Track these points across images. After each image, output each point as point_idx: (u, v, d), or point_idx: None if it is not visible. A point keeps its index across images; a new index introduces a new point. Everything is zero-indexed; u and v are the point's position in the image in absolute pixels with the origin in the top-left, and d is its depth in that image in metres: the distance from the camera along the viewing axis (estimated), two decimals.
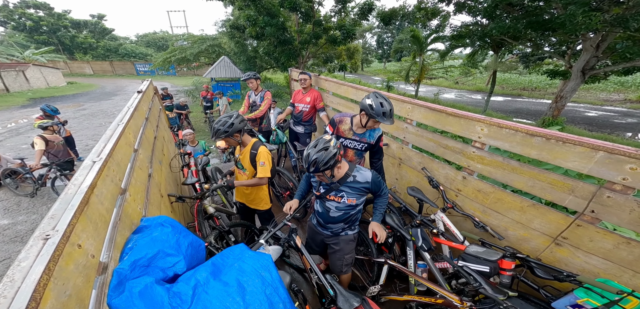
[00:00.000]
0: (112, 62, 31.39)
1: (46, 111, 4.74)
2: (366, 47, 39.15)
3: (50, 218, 0.75)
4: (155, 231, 1.15)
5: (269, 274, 1.24)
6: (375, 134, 2.14)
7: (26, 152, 6.44)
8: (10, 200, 4.46)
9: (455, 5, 8.72)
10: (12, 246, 3.48)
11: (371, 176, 1.68)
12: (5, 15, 29.02)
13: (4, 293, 0.54)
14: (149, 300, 0.90)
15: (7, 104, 12.47)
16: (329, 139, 1.55)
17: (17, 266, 0.60)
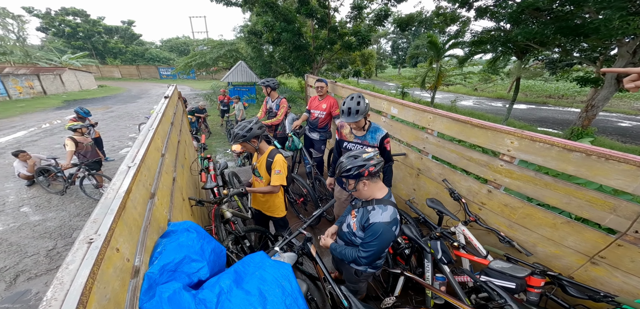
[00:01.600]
0: (138, 66, 33.18)
1: (79, 113, 5.09)
2: (380, 53, 38.92)
3: (92, 222, 0.79)
4: (182, 236, 1.19)
5: (289, 284, 1.24)
6: (377, 136, 2.14)
7: (58, 151, 6.91)
8: (41, 197, 4.75)
9: (477, 11, 8.46)
10: (41, 242, 3.68)
11: (374, 226, 1.43)
12: (47, 22, 31.55)
13: (55, 296, 0.57)
14: (177, 306, 0.92)
15: (44, 106, 13.49)
16: (370, 153, 1.47)
17: (65, 268, 0.64)
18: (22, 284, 3.03)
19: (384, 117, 2.84)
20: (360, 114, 1.97)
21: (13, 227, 3.93)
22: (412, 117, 2.42)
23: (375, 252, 1.43)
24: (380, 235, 1.39)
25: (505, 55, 9.57)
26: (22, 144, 7.46)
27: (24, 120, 10.36)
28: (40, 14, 31.21)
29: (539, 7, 6.79)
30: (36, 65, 20.24)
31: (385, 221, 1.40)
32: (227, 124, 8.96)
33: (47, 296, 0.56)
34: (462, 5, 8.55)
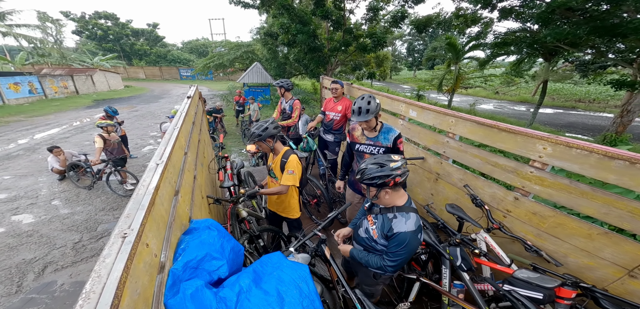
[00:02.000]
0: (161, 67, 34.73)
1: (108, 112, 5.40)
2: (395, 55, 38.30)
3: (126, 217, 0.82)
4: (203, 234, 1.22)
5: (306, 286, 1.24)
6: (389, 136, 2.11)
7: (88, 148, 7.35)
8: (71, 191, 5.05)
9: (501, 12, 8.09)
10: (69, 235, 3.88)
11: (400, 236, 1.39)
12: (81, 25, 33.74)
13: (93, 288, 0.59)
14: (199, 303, 0.94)
15: (76, 105, 14.47)
16: (398, 162, 1.43)
17: (102, 261, 0.66)
18: (49, 276, 3.18)
19: (402, 120, 2.79)
20: (371, 113, 1.97)
21: (44, 220, 4.19)
22: (432, 120, 2.34)
23: (403, 260, 1.41)
24: (408, 244, 1.37)
25: (531, 57, 9.07)
26: (56, 140, 8.02)
27: (57, 118, 11.14)
28: (76, 18, 33.42)
29: (571, 6, 6.39)
30: (70, 66, 21.76)
31: (411, 230, 1.38)
32: (242, 125, 9.16)
33: (86, 288, 0.59)
34: (484, 6, 8.21)
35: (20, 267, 3.25)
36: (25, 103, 14.09)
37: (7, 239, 3.68)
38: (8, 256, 3.41)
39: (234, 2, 10.91)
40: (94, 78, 20.00)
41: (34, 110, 12.54)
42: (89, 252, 3.56)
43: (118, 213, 4.46)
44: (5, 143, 7.61)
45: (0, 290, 2.94)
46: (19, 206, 4.49)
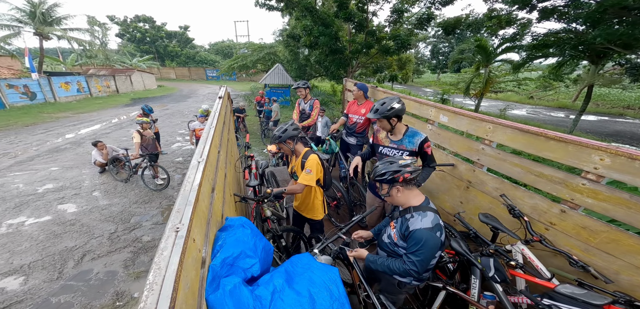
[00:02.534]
0: (189, 68, 36.74)
1: (144, 110, 5.81)
2: (418, 57, 37.12)
3: (176, 212, 0.87)
4: (238, 232, 1.25)
5: (337, 289, 1.24)
6: (415, 140, 2.07)
7: (125, 143, 7.96)
8: (109, 184, 5.47)
9: (541, 12, 7.50)
10: (106, 226, 4.17)
11: (416, 234, 1.38)
12: (123, 29, 36.65)
13: (156, 280, 0.63)
14: (237, 299, 0.97)
15: (116, 103, 15.77)
16: (407, 160, 1.49)
17: (160, 254, 0.70)
18: (87, 264, 3.41)
19: (431, 125, 2.69)
20: (379, 113, 2.02)
21: (85, 210, 4.55)
22: (466, 126, 2.23)
23: (424, 260, 1.37)
24: (425, 242, 1.35)
25: (574, 59, 8.30)
26: (98, 135, 8.79)
27: (100, 115, 12.22)
28: (119, 22, 36.41)
29: (627, 5, 5.76)
30: (113, 67, 23.76)
31: (427, 227, 1.36)
32: (262, 125, 9.40)
33: (149, 279, 0.63)
34: (522, 7, 7.67)
35: (62, 254, 3.52)
36: (73, 101, 15.59)
37: (53, 227, 4.04)
38: (53, 243, 3.72)
39: (259, 4, 11.24)
40: (132, 78, 21.65)
41: (80, 107, 13.85)
42: (122, 243, 3.79)
43: (149, 206, 4.76)
44: (55, 137, 8.48)
45: (44, 276, 3.18)
46: (65, 196, 4.94)
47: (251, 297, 1.01)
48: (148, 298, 0.58)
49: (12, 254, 3.46)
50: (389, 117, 2.03)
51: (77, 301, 2.88)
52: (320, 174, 2.21)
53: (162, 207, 4.75)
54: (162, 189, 5.28)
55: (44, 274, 3.18)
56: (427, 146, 2.07)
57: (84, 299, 2.90)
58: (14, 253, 3.47)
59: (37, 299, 2.86)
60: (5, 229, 3.92)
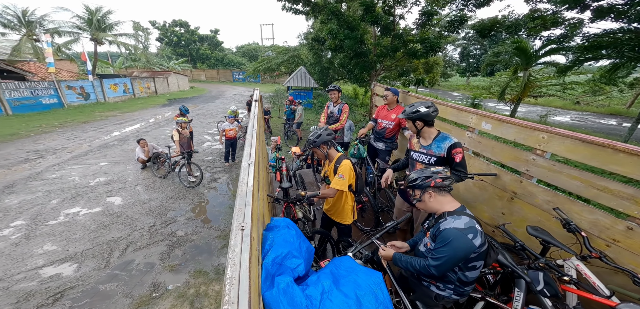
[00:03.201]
0: (218, 70, 38.61)
1: (182, 110, 6.25)
2: (446, 60, 35.54)
3: (239, 211, 0.93)
4: (284, 232, 1.30)
5: (381, 293, 1.25)
6: (443, 145, 2.04)
7: (162, 141, 8.59)
8: (149, 179, 5.91)
9: (595, 11, 6.78)
10: (146, 219, 4.47)
11: (444, 232, 1.36)
12: (162, 33, 39.67)
13: (234, 274, 0.68)
14: (290, 298, 1.00)
15: (154, 104, 17.12)
16: (439, 168, 1.54)
17: (233, 249, 0.76)
18: (129, 254, 3.66)
19: (470, 133, 2.56)
20: (405, 114, 2.10)
21: (129, 203, 4.95)
22: (514, 135, 2.10)
23: (447, 260, 1.34)
24: (451, 241, 1.32)
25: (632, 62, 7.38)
26: (139, 134, 9.60)
27: (141, 115, 13.34)
28: (159, 27, 39.52)
29: None
30: (153, 69, 25.83)
31: (458, 227, 1.34)
32: (285, 127, 9.60)
33: (228, 274, 0.68)
34: (571, 6, 7.00)
35: (110, 244, 3.83)
36: (120, 101, 17.19)
37: (102, 218, 4.44)
38: (102, 233, 4.07)
39: (285, 8, 11.55)
40: (168, 80, 23.35)
41: (125, 107, 15.26)
42: (160, 236, 4.06)
43: (183, 202, 5.08)
44: (104, 134, 9.42)
45: (93, 264, 3.46)
46: (113, 189, 5.42)
47: (303, 296, 1.04)
48: (230, 291, 0.63)
49: (68, 241, 3.85)
50: (413, 120, 2.06)
51: (120, 290, 3.10)
52: (352, 179, 2.22)
53: (194, 204, 5.04)
54: (194, 186, 5.62)
55: (93, 262, 3.48)
56: (456, 152, 2.01)
57: (126, 288, 3.13)
58: (69, 241, 3.86)
59: (87, 286, 3.13)
60: (63, 218, 4.40)
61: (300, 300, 1.01)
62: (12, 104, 11.54)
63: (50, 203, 4.81)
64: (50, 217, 4.41)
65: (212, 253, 3.78)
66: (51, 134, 9.22)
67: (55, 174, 6.00)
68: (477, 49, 36.09)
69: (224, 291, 0.63)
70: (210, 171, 6.49)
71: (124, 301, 2.96)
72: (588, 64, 8.76)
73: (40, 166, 6.41)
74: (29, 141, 8.33)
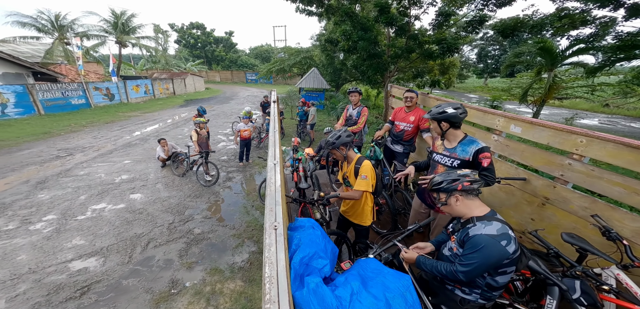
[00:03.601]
0: (232, 71, 39.44)
1: (199, 110, 6.44)
2: (462, 61, 34.51)
3: (270, 211, 0.93)
4: (310, 232, 1.29)
5: (411, 296, 1.23)
6: (469, 149, 1.96)
7: (180, 141, 8.87)
8: (168, 177, 6.11)
9: (629, 9, 6.33)
10: (166, 216, 4.61)
11: (475, 238, 1.30)
12: (180, 35, 41.11)
13: (272, 273, 0.67)
14: (320, 298, 0.99)
15: (172, 104, 17.76)
16: (466, 171, 1.48)
17: (269, 248, 0.76)
18: (150, 250, 3.77)
19: (497, 136, 2.46)
20: (431, 114, 2.06)
21: (150, 200, 5.13)
22: (548, 138, 1.99)
23: (477, 267, 1.29)
24: (483, 248, 1.26)
25: None
26: (159, 133, 9.98)
27: (160, 115, 13.88)
28: (178, 29, 40.98)
29: None
30: (171, 71, 26.82)
31: (490, 234, 1.28)
32: (298, 127, 9.65)
33: (266, 273, 0.68)
34: (603, 5, 6.59)
35: (132, 240, 3.97)
36: (141, 101, 17.97)
37: (126, 214, 4.63)
38: (126, 229, 4.23)
39: (299, 10, 11.65)
40: (186, 81, 24.17)
41: (146, 107, 15.93)
42: (178, 233, 4.17)
43: (200, 201, 5.21)
44: (128, 134, 9.87)
45: (118, 259, 3.58)
46: (135, 187, 5.64)
47: (333, 297, 1.03)
48: (271, 290, 0.62)
49: (95, 236, 4.03)
50: (439, 121, 2.01)
51: (141, 285, 3.20)
52: (373, 180, 2.18)
53: (210, 203, 5.17)
54: (211, 185, 5.75)
55: (117, 258, 3.61)
56: (484, 156, 1.92)
57: (147, 284, 3.23)
58: (96, 236, 4.04)
59: (111, 280, 3.24)
60: (90, 214, 4.63)
61: (330, 301, 1.00)
62: (44, 104, 12.36)
63: (78, 199, 5.09)
64: (79, 212, 4.65)
65: (227, 251, 3.85)
66: (79, 133, 9.78)
67: (83, 171, 6.35)
68: (496, 49, 34.82)
69: (265, 290, 0.63)
70: (225, 171, 6.64)
71: (145, 297, 3.05)
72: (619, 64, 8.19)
73: (69, 163, 6.81)
74: (59, 139, 8.88)
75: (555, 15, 8.27)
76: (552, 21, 8.46)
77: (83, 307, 2.90)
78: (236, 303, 3.01)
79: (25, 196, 5.10)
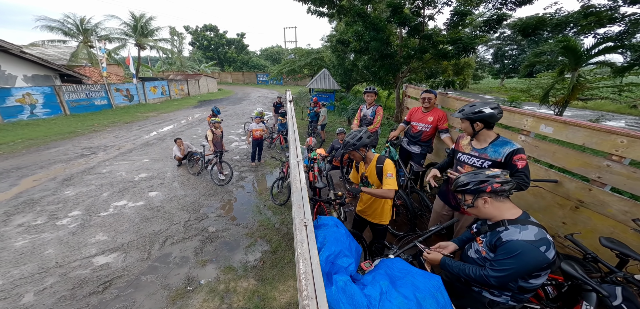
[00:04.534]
0: (243, 73, 40.11)
1: (214, 111, 6.58)
2: (477, 61, 33.54)
3: (298, 207, 0.91)
4: (334, 231, 1.27)
5: (442, 297, 1.19)
6: (502, 150, 1.85)
7: (195, 141, 9.08)
8: (184, 176, 6.27)
9: None
10: (182, 214, 4.71)
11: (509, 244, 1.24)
12: (195, 38, 42.30)
13: (307, 269, 0.65)
14: (350, 296, 0.97)
15: (187, 105, 18.29)
16: (496, 171, 1.40)
17: (302, 244, 0.74)
18: (168, 248, 3.86)
19: (524, 136, 2.35)
20: (464, 113, 1.94)
21: (167, 198, 5.26)
22: (583, 139, 1.88)
23: (511, 273, 1.22)
24: (520, 254, 1.19)
25: None
26: (175, 133, 10.28)
27: (176, 115, 14.31)
28: (192, 31, 42.22)
29: None
30: (186, 72, 27.65)
31: (528, 239, 1.20)
32: (309, 128, 9.67)
33: (301, 268, 0.66)
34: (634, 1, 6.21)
35: (151, 237, 4.08)
36: (158, 102, 18.60)
37: (145, 212, 4.76)
38: (145, 226, 4.35)
39: (310, 11, 11.70)
40: (199, 82, 24.84)
41: (163, 108, 16.49)
42: (194, 231, 4.25)
43: (213, 199, 5.30)
44: (146, 133, 10.24)
45: (137, 255, 3.68)
46: (153, 185, 5.81)
47: (362, 295, 1.00)
48: (307, 286, 0.60)
49: (117, 233, 4.16)
50: (473, 121, 1.91)
51: (159, 281, 3.28)
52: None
53: (224, 202, 5.25)
54: (224, 183, 5.85)
55: (137, 254, 3.71)
56: (519, 158, 1.82)
57: (164, 280, 3.30)
58: (117, 232, 4.18)
59: (131, 276, 3.33)
60: (112, 210, 4.80)
61: (360, 299, 0.97)
62: (70, 104, 13.04)
63: (101, 196, 5.30)
64: (102, 209, 4.84)
65: (240, 250, 3.88)
66: (102, 132, 10.24)
67: (105, 169, 6.62)
68: (514, 49, 33.62)
69: (301, 286, 0.61)
70: (237, 170, 6.73)
71: (162, 293, 3.12)
72: None
73: (93, 162, 7.13)
74: (84, 138, 9.32)
75: (581, 12, 7.87)
76: (577, 19, 8.06)
77: (105, 302, 2.98)
78: (249, 301, 3.02)
79: (52, 193, 5.37)
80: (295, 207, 0.92)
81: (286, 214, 4.74)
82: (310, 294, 0.58)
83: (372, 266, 1.34)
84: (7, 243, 3.83)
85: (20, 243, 3.83)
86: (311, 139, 4.40)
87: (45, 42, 16.50)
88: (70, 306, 2.90)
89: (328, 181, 3.53)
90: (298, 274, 0.64)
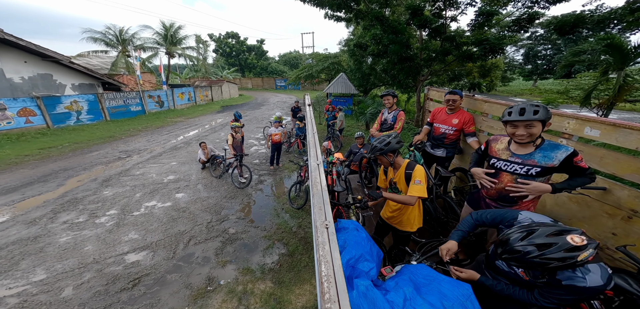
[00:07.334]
0: (262, 78, 41.42)
1: (236, 116, 6.84)
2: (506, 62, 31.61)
3: (319, 209, 0.90)
4: (355, 234, 1.23)
5: (472, 306, 1.09)
6: (554, 155, 1.65)
7: (217, 144, 9.48)
8: (207, 179, 6.54)
9: None
10: (205, 215, 4.89)
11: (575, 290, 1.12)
12: (218, 45, 44.61)
13: (329, 271, 0.64)
14: (371, 301, 0.93)
15: (211, 110, 19.21)
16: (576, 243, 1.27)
17: (323, 247, 0.72)
18: (191, 247, 4.00)
19: (565, 140, 2.14)
20: (536, 115, 1.61)
21: (192, 199, 5.51)
22: (637, 142, 1.67)
23: (566, 303, 1.15)
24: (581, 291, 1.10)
25: None
26: (200, 137, 10.82)
27: (200, 120, 15.09)
28: (216, 39, 44.60)
29: None
30: (210, 79, 29.14)
31: (596, 285, 1.08)
32: (328, 132, 9.67)
33: (323, 271, 0.64)
34: None
35: (177, 236, 4.26)
36: (185, 108, 19.76)
37: (172, 212, 5.01)
38: (171, 226, 4.57)
39: (328, 16, 11.80)
40: (222, 88, 26.04)
41: (189, 113, 17.48)
42: (215, 232, 4.39)
43: (234, 202, 5.46)
44: (174, 138, 10.90)
45: (164, 254, 3.83)
46: (180, 186, 6.13)
47: (384, 300, 0.96)
48: (330, 289, 0.58)
49: (146, 232, 4.40)
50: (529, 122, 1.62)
51: (182, 280, 3.40)
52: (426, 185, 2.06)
53: (243, 204, 5.39)
54: (244, 186, 6.01)
55: (164, 253, 3.89)
56: (580, 159, 1.64)
57: (187, 279, 3.42)
58: (147, 231, 4.42)
59: (158, 274, 3.49)
60: (143, 210, 5.11)
61: (382, 305, 0.93)
62: (110, 111, 14.31)
63: (134, 196, 5.69)
64: (135, 209, 5.19)
65: (258, 252, 3.94)
66: (136, 136, 11.07)
67: (139, 171, 7.12)
68: (548, 48, 31.21)
69: (323, 289, 0.59)
70: (257, 174, 6.89)
71: (185, 292, 3.23)
72: None
73: (128, 164, 7.71)
74: (121, 142, 10.15)
75: (626, 8, 7.12)
76: (623, 15, 7.30)
77: (133, 298, 3.15)
78: (266, 304, 3.04)
79: (93, 193, 5.86)
80: (316, 209, 0.90)
81: (303, 217, 4.75)
82: (332, 298, 0.56)
83: (393, 272, 1.28)
84: (53, 239, 4.20)
85: (64, 239, 4.19)
86: (329, 142, 4.40)
87: (90, 52, 18.35)
88: (104, 301, 3.09)
89: (347, 184, 3.49)
90: (319, 277, 0.63)
